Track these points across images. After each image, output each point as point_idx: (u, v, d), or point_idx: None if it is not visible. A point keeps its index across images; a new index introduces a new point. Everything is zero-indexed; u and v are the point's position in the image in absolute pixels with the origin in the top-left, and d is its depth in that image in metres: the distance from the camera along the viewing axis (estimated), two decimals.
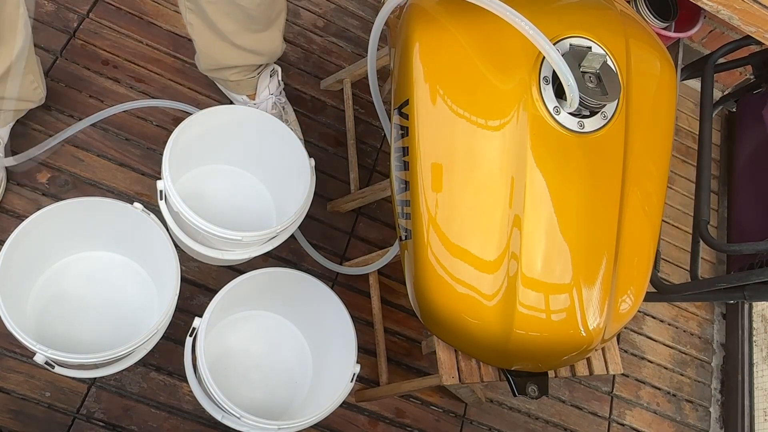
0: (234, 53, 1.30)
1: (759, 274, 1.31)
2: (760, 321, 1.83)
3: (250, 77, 1.40)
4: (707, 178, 1.54)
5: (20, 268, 1.09)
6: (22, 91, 1.23)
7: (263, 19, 1.23)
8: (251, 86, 1.44)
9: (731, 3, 0.76)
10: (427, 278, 0.93)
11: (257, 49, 1.30)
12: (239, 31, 1.23)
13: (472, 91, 0.91)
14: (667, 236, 1.91)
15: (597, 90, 0.87)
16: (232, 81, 1.41)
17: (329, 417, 1.12)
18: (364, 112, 1.67)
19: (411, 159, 0.93)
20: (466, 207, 0.90)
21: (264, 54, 1.33)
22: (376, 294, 1.38)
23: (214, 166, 1.39)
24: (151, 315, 1.21)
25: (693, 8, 1.78)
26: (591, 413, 1.62)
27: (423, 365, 1.49)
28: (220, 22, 1.20)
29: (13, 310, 1.01)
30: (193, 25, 1.26)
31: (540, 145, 0.88)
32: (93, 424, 1.21)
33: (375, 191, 1.36)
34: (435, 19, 0.95)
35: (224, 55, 1.31)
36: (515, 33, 0.82)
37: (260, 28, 1.24)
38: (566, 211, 0.89)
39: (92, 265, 1.24)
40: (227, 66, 1.35)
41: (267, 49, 1.32)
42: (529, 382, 1.02)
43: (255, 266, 1.25)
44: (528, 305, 0.89)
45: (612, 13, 1.00)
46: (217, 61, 1.35)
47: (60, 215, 1.08)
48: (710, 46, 2.09)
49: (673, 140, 1.05)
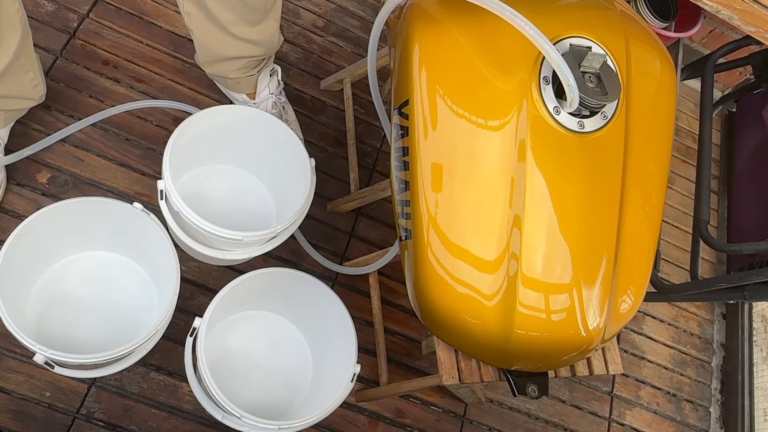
0: (232, 43, 1.30)
1: (759, 274, 1.32)
2: (760, 321, 1.83)
3: (250, 75, 1.40)
4: (707, 178, 1.54)
5: (20, 267, 1.09)
6: (22, 89, 1.23)
7: (259, 8, 1.23)
8: (251, 85, 1.43)
9: (731, 3, 0.76)
10: (427, 278, 0.93)
11: (254, 39, 1.30)
12: (236, 21, 1.23)
13: (472, 91, 0.91)
14: (667, 236, 1.91)
15: (597, 90, 0.87)
16: (232, 79, 1.41)
17: (329, 417, 1.12)
18: (364, 112, 1.67)
19: (411, 159, 0.93)
20: (466, 207, 0.90)
21: (262, 44, 1.33)
22: (376, 294, 1.38)
23: (214, 166, 1.39)
24: (151, 315, 1.21)
25: (693, 8, 1.78)
26: (591, 413, 1.62)
27: (423, 365, 1.49)
28: (217, 10, 1.21)
29: (12, 310, 1.01)
30: (191, 14, 1.26)
31: (540, 145, 0.88)
32: (93, 424, 1.21)
33: (375, 191, 1.36)
34: (435, 19, 0.95)
35: (222, 46, 1.31)
36: (515, 33, 0.82)
37: (256, 18, 1.25)
38: (566, 211, 0.89)
39: (92, 265, 1.24)
40: (225, 57, 1.35)
41: (264, 40, 1.32)
42: (529, 382, 1.02)
43: (255, 266, 1.25)
44: (528, 305, 0.89)
45: (612, 13, 1.00)
46: (216, 52, 1.35)
47: (60, 215, 1.08)
48: (710, 46, 2.09)
49: (673, 140, 1.05)
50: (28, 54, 1.21)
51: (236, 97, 1.49)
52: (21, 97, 1.25)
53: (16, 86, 1.21)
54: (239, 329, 1.30)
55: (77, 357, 1.00)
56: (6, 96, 1.21)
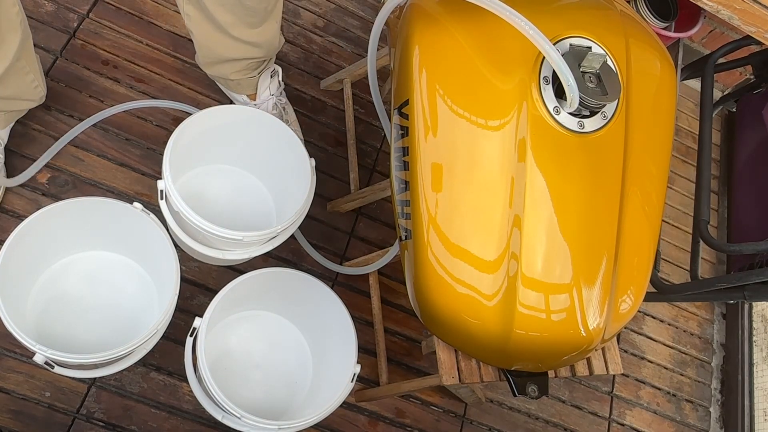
0: (232, 45, 1.29)
1: (759, 274, 1.32)
2: (760, 321, 1.83)
3: (251, 77, 1.40)
4: (707, 178, 1.54)
5: (20, 267, 1.09)
6: (22, 91, 1.23)
7: (260, 11, 1.23)
8: (252, 86, 1.43)
9: (731, 3, 0.76)
10: (427, 278, 0.93)
11: (255, 41, 1.30)
12: (236, 24, 1.23)
13: (472, 91, 0.91)
14: (667, 236, 1.91)
15: (597, 90, 0.87)
16: (233, 80, 1.41)
17: (329, 417, 1.12)
18: (364, 112, 1.67)
19: (411, 159, 0.93)
20: (466, 207, 0.90)
21: (262, 46, 1.33)
22: (376, 294, 1.38)
23: (214, 166, 1.39)
24: (151, 315, 1.21)
25: (693, 8, 1.78)
26: (591, 413, 1.62)
27: (423, 365, 1.49)
28: (217, 12, 1.20)
29: (12, 310, 1.01)
30: (191, 16, 1.26)
31: (540, 145, 0.88)
32: (93, 424, 1.21)
33: (375, 191, 1.36)
34: (435, 19, 0.95)
35: (222, 47, 1.31)
36: (515, 33, 0.82)
37: (257, 21, 1.25)
38: (566, 211, 0.89)
39: (92, 265, 1.24)
40: (226, 59, 1.35)
41: (265, 41, 1.32)
42: (529, 382, 1.02)
43: (255, 266, 1.25)
44: (528, 305, 0.89)
45: (612, 13, 1.00)
46: (216, 54, 1.35)
47: (60, 215, 1.08)
48: (710, 46, 2.09)
49: (673, 140, 1.05)
50: (29, 55, 1.21)
51: (237, 98, 1.49)
52: (21, 98, 1.25)
53: (17, 88, 1.21)
54: (239, 329, 1.30)
55: (77, 357, 0.99)
56: (6, 97, 1.21)
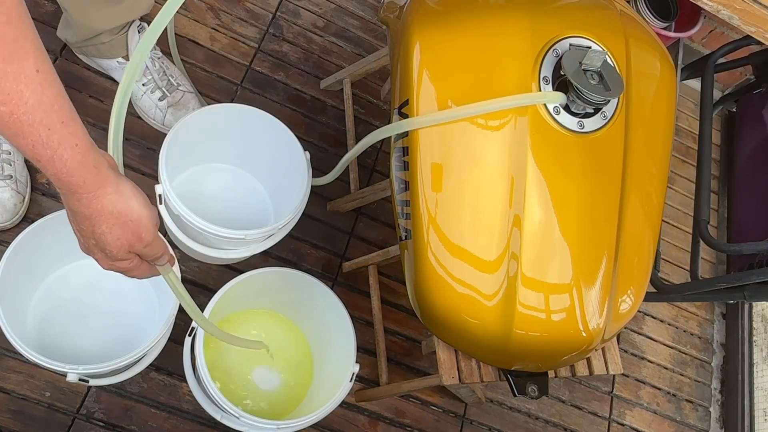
0: (109, 13, 1.26)
1: (759, 274, 1.32)
2: (760, 321, 1.83)
3: (121, 35, 1.35)
4: (707, 178, 1.54)
5: (20, 276, 1.08)
6: None
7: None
8: (122, 46, 1.37)
9: (731, 3, 0.76)
10: (427, 278, 0.93)
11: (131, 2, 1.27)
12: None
13: (472, 90, 0.91)
14: (667, 236, 1.91)
15: (600, 86, 0.87)
16: (105, 44, 1.34)
17: (329, 417, 1.12)
18: (364, 112, 1.67)
19: (411, 159, 0.93)
20: (466, 207, 0.90)
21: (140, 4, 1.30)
22: (376, 294, 1.38)
23: (209, 165, 1.39)
24: (153, 320, 1.20)
25: (693, 8, 1.78)
26: (591, 413, 1.62)
27: (423, 365, 1.49)
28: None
29: (12, 319, 1.01)
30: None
31: (540, 145, 0.88)
32: (93, 424, 1.21)
33: (375, 191, 1.36)
34: (435, 19, 0.95)
35: (98, 19, 1.28)
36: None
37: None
38: (566, 211, 0.89)
39: (92, 272, 1.22)
40: (102, 30, 1.31)
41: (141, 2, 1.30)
42: (529, 382, 1.02)
43: (255, 266, 1.25)
44: (528, 305, 0.89)
45: (612, 13, 1.00)
46: (93, 28, 1.30)
47: (60, 224, 1.07)
48: (710, 46, 2.09)
49: (673, 140, 1.05)
50: None
51: (110, 64, 1.41)
52: None
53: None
54: (239, 329, 1.30)
55: (106, 365, 1.00)
56: None
